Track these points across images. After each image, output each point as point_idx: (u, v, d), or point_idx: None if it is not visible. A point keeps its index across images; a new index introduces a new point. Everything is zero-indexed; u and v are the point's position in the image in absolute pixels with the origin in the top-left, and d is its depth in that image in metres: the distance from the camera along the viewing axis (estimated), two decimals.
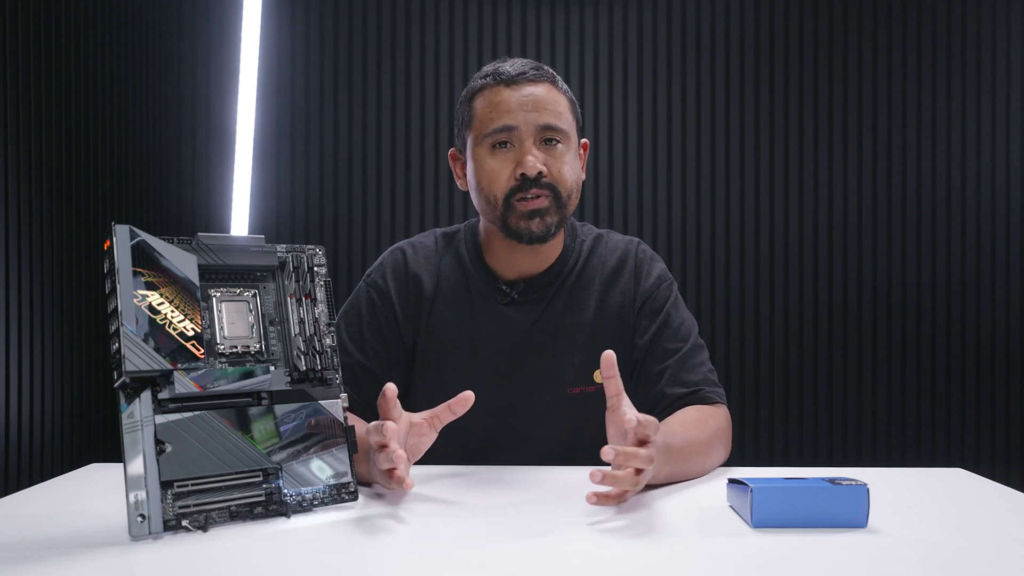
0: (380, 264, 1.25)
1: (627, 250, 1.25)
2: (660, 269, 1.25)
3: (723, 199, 2.35)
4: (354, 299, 1.24)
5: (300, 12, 2.35)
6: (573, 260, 1.23)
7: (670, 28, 2.36)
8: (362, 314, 1.22)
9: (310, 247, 0.93)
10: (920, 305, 2.31)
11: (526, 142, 1.12)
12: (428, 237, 1.28)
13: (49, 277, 1.83)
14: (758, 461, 2.32)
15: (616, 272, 1.23)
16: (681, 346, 1.18)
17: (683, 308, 1.24)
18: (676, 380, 1.16)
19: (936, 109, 2.31)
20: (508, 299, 1.20)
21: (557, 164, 1.14)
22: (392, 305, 1.21)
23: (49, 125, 1.83)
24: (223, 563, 0.70)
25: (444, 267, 1.23)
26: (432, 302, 1.21)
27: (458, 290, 1.22)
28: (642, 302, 1.21)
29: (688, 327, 1.21)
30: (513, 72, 1.14)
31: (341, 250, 2.35)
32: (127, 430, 0.76)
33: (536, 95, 1.13)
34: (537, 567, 0.68)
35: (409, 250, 1.25)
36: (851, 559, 0.70)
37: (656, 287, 1.22)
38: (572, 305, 1.21)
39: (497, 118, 1.13)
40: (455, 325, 1.20)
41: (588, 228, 1.29)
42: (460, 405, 0.96)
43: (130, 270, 0.79)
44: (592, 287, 1.22)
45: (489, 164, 1.14)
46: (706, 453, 1.05)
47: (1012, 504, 0.90)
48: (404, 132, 2.36)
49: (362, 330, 1.21)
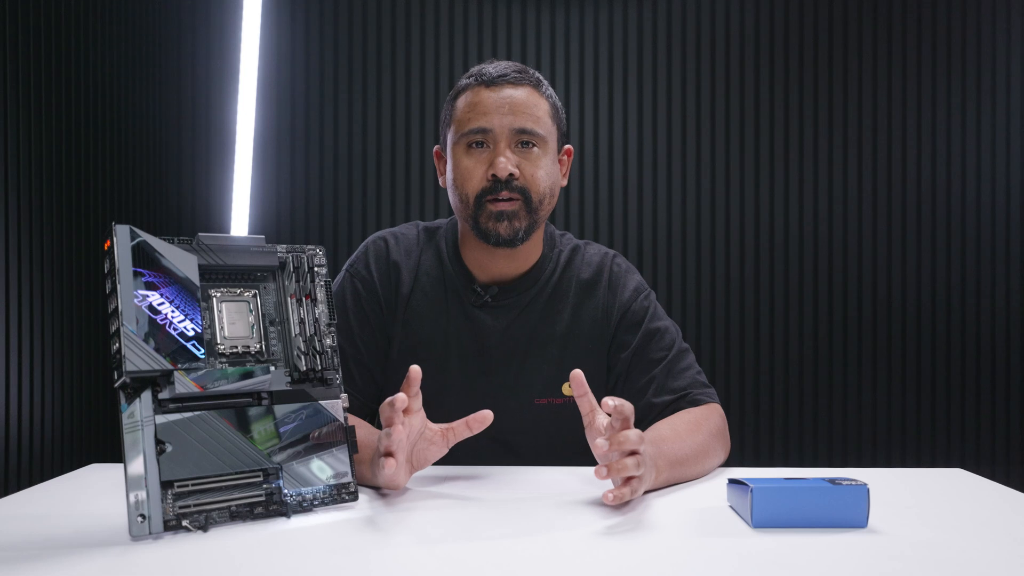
0: (363, 253, 1.24)
1: (602, 263, 1.24)
2: (636, 281, 1.24)
3: (722, 200, 2.35)
4: (338, 290, 1.23)
5: (300, 12, 2.35)
6: (550, 270, 1.22)
7: (669, 28, 2.36)
8: (347, 305, 1.21)
9: (310, 247, 0.93)
10: (920, 305, 2.31)
11: (500, 144, 1.13)
12: (411, 229, 1.27)
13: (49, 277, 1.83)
14: (758, 461, 2.32)
15: (591, 285, 1.22)
16: (665, 355, 1.18)
17: (663, 316, 1.23)
18: (663, 388, 1.16)
19: (936, 110, 2.31)
20: (481, 302, 1.19)
21: (531, 168, 1.13)
22: (377, 294, 1.21)
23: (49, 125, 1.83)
24: (223, 563, 0.70)
25: (424, 261, 1.23)
26: (410, 294, 1.21)
27: (435, 285, 1.21)
28: (620, 316, 1.21)
29: (671, 335, 1.20)
30: (495, 74, 1.15)
31: (341, 250, 2.35)
32: (127, 430, 0.76)
33: (514, 98, 1.13)
34: (537, 566, 0.68)
35: (391, 239, 1.24)
36: (851, 559, 0.70)
37: (634, 299, 1.22)
38: (546, 316, 1.20)
39: (474, 119, 1.13)
40: (430, 320, 1.20)
41: (567, 239, 1.28)
42: (478, 423, 0.96)
43: (130, 270, 0.79)
44: (566, 299, 1.21)
45: (464, 163, 1.14)
46: (705, 454, 1.05)
47: (1012, 504, 0.90)
48: (404, 132, 2.36)
49: (349, 321, 1.20)
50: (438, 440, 0.96)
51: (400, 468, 0.91)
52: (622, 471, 0.84)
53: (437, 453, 0.96)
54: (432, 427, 0.96)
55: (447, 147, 1.19)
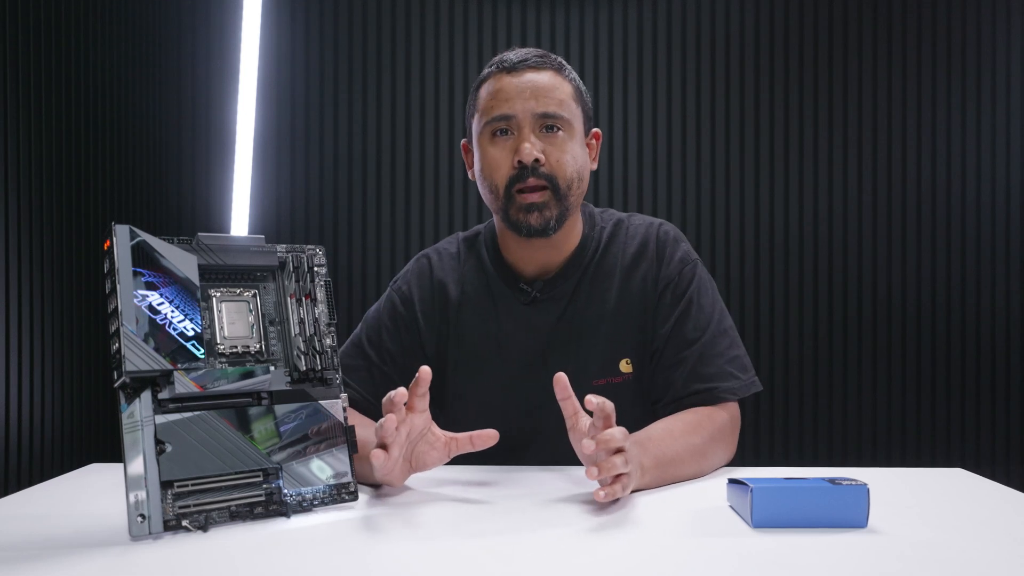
0: (406, 272, 1.26)
1: (648, 234, 1.21)
2: (683, 251, 1.20)
3: (722, 200, 2.35)
4: (379, 304, 1.25)
5: (300, 12, 2.35)
6: (592, 250, 1.20)
7: (669, 28, 2.36)
8: (383, 319, 1.23)
9: (310, 247, 0.93)
10: (920, 305, 2.31)
11: (524, 129, 1.12)
12: (451, 243, 1.27)
13: (49, 277, 1.83)
14: (758, 461, 2.32)
15: (637, 258, 1.19)
16: (699, 336, 1.14)
17: (708, 292, 1.18)
18: (690, 374, 1.12)
19: (936, 110, 2.31)
20: (530, 299, 1.18)
21: (556, 152, 1.12)
22: (415, 312, 1.22)
23: (49, 125, 1.83)
24: (223, 563, 0.70)
25: (467, 272, 1.23)
26: (459, 309, 1.21)
27: (482, 294, 1.21)
28: (663, 287, 1.17)
29: (708, 313, 1.16)
30: (515, 60, 1.14)
31: (341, 250, 2.35)
32: (127, 430, 0.76)
33: (536, 82, 1.12)
34: (538, 566, 0.68)
35: (435, 257, 1.25)
36: (851, 559, 0.70)
37: (678, 271, 1.17)
38: (593, 296, 1.18)
39: (497, 106, 1.13)
40: (481, 329, 1.20)
41: (609, 214, 1.25)
42: (481, 440, 0.96)
43: (130, 270, 0.79)
44: (613, 276, 1.19)
45: (490, 153, 1.14)
46: (700, 455, 1.03)
47: (1012, 504, 0.90)
48: (404, 132, 2.36)
49: (381, 335, 1.21)
50: (440, 446, 0.95)
51: (394, 464, 0.91)
52: (612, 469, 0.84)
53: (437, 459, 0.96)
54: (436, 432, 0.96)
55: (473, 138, 1.18)
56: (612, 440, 0.85)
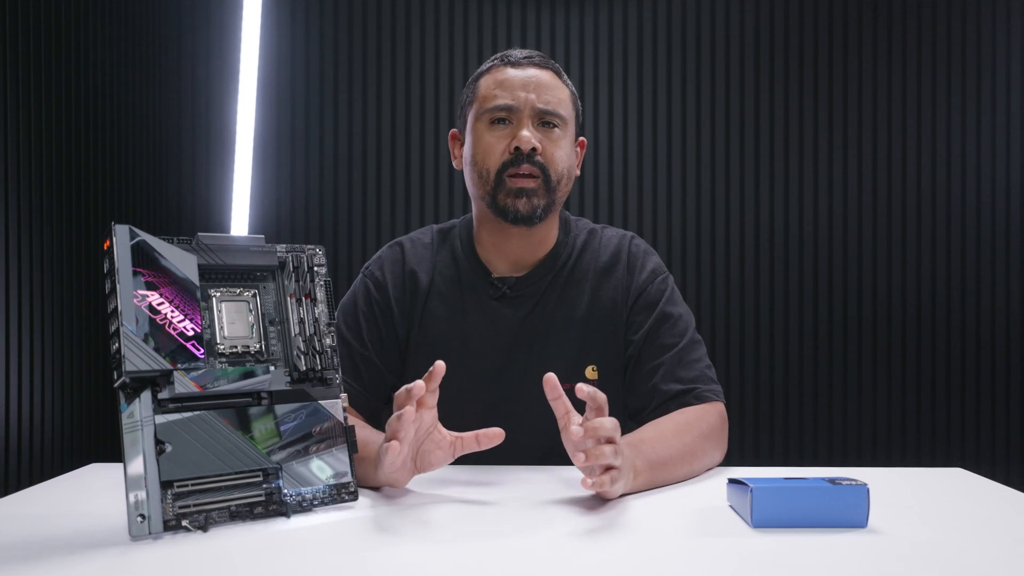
0: (378, 258, 1.27)
1: (620, 245, 1.24)
2: (654, 263, 1.24)
3: (723, 198, 2.35)
4: (352, 292, 1.26)
5: (300, 12, 2.35)
6: (566, 255, 1.22)
7: (669, 28, 2.36)
8: (358, 305, 1.23)
9: (310, 247, 0.93)
10: (920, 305, 2.31)
11: (524, 120, 1.14)
12: (425, 233, 1.29)
13: (49, 277, 1.83)
14: (758, 461, 2.32)
15: (609, 267, 1.22)
16: (677, 341, 1.17)
17: (679, 303, 1.22)
18: (671, 377, 1.14)
19: (936, 110, 2.31)
20: (500, 294, 1.20)
21: (552, 147, 1.15)
22: (388, 297, 1.22)
23: (49, 125, 1.83)
24: (223, 563, 0.70)
25: (439, 262, 1.24)
26: (427, 297, 1.22)
27: (451, 285, 1.22)
28: (635, 297, 1.20)
29: (685, 322, 1.19)
30: (520, 56, 1.18)
31: (341, 250, 2.35)
32: (127, 430, 0.76)
33: (540, 78, 1.16)
34: (537, 566, 0.68)
35: (407, 244, 1.26)
36: (851, 559, 0.70)
37: (650, 281, 1.21)
38: (563, 300, 1.20)
39: (499, 95, 1.15)
40: (447, 320, 1.20)
41: (583, 223, 1.28)
42: (488, 439, 0.95)
43: (130, 270, 0.79)
44: (585, 283, 1.21)
45: (486, 139, 1.16)
46: (693, 456, 1.03)
47: (1012, 504, 0.90)
48: (404, 132, 2.36)
49: (359, 321, 1.22)
50: (445, 446, 0.95)
51: (403, 460, 0.90)
52: (600, 458, 0.83)
53: (443, 459, 0.95)
54: (442, 431, 0.95)
55: (467, 126, 1.20)
56: (601, 428, 0.84)
